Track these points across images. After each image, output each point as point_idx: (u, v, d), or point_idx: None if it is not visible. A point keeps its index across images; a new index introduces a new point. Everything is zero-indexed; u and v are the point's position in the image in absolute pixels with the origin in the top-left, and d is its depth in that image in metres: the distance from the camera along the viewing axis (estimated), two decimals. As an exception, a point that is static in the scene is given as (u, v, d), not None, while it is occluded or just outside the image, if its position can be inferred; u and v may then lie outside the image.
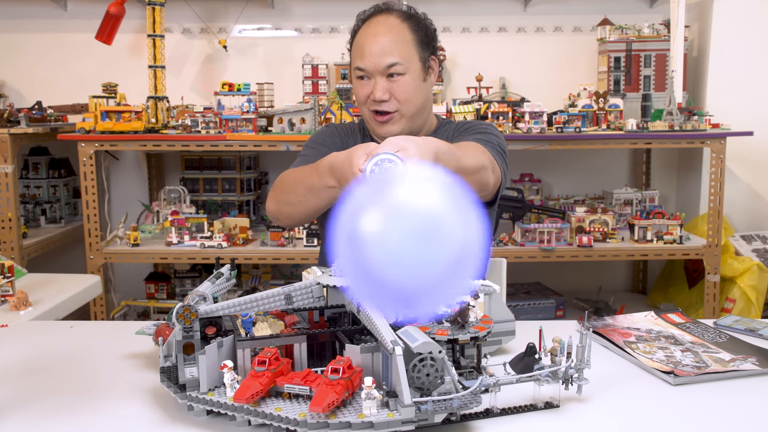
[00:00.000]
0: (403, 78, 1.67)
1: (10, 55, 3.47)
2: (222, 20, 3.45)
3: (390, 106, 1.67)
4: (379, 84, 1.66)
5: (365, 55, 1.67)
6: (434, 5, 3.41)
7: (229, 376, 0.99)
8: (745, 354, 1.30)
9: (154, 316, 3.20)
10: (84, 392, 1.16)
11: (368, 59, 1.66)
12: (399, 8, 1.71)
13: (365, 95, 1.69)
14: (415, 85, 1.69)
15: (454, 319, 1.08)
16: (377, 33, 1.67)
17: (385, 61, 1.65)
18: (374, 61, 1.65)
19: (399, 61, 1.66)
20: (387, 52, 1.65)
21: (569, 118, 2.92)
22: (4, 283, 1.79)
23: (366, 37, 1.68)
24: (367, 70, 1.67)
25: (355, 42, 1.72)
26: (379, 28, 1.68)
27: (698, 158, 3.34)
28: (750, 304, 2.96)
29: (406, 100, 1.68)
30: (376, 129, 1.72)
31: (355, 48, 1.71)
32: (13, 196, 2.85)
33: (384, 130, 1.69)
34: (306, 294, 1.17)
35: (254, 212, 3.39)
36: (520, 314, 3.16)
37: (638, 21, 3.23)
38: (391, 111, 1.68)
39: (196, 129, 2.91)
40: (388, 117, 1.69)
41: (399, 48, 1.66)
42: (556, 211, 3.02)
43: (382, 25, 1.69)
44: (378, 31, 1.68)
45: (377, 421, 0.91)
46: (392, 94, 1.67)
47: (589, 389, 1.09)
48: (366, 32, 1.69)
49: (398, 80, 1.67)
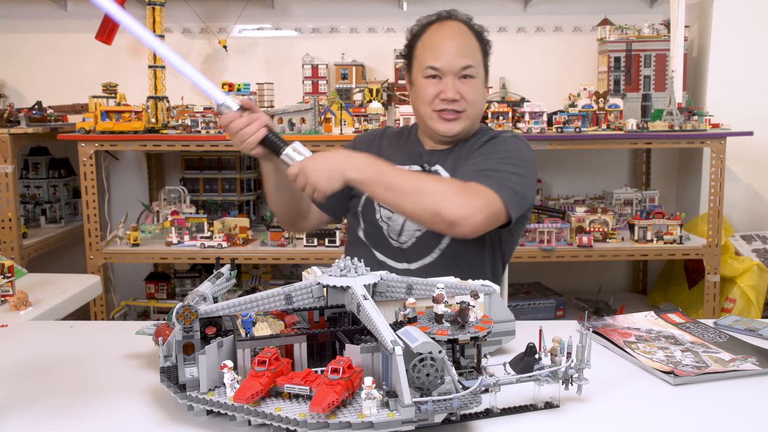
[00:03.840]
0: (473, 81, 1.71)
1: (10, 55, 3.47)
2: (222, 20, 3.45)
3: (459, 105, 1.70)
4: (451, 84, 1.69)
5: (440, 54, 1.69)
6: (434, 5, 3.39)
7: (229, 376, 0.99)
8: (745, 354, 1.29)
9: (154, 316, 3.20)
10: (84, 392, 1.16)
11: (444, 59, 1.69)
12: (464, 17, 1.77)
13: (433, 94, 1.70)
14: (481, 89, 1.75)
15: (454, 319, 1.08)
16: (452, 35, 1.72)
17: (461, 63, 1.69)
18: (450, 61, 1.68)
19: (472, 64, 1.70)
20: (463, 54, 1.70)
21: (569, 118, 2.92)
22: (4, 283, 1.79)
23: (441, 38, 1.72)
24: (441, 69, 1.69)
25: (424, 43, 1.74)
26: (452, 31, 1.73)
27: (698, 158, 3.34)
28: (750, 304, 2.96)
29: (473, 102, 1.72)
30: (440, 126, 1.73)
31: (426, 48, 1.73)
32: (13, 196, 2.85)
33: (448, 127, 1.72)
34: (306, 294, 1.17)
35: (254, 212, 3.39)
36: (520, 314, 3.16)
37: (638, 21, 3.23)
38: (458, 110, 1.71)
39: (196, 129, 2.91)
40: (456, 116, 1.71)
41: (472, 52, 1.72)
42: (556, 211, 3.02)
43: (454, 29, 1.73)
44: (452, 34, 1.72)
45: (377, 421, 0.91)
46: (462, 95, 1.69)
47: (589, 389, 1.09)
48: (440, 33, 1.73)
49: (469, 82, 1.70)
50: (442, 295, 1.11)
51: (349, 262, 1.17)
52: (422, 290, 1.21)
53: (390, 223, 1.76)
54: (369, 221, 1.79)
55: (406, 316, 1.10)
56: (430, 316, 1.13)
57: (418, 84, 1.74)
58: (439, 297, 1.10)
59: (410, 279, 1.21)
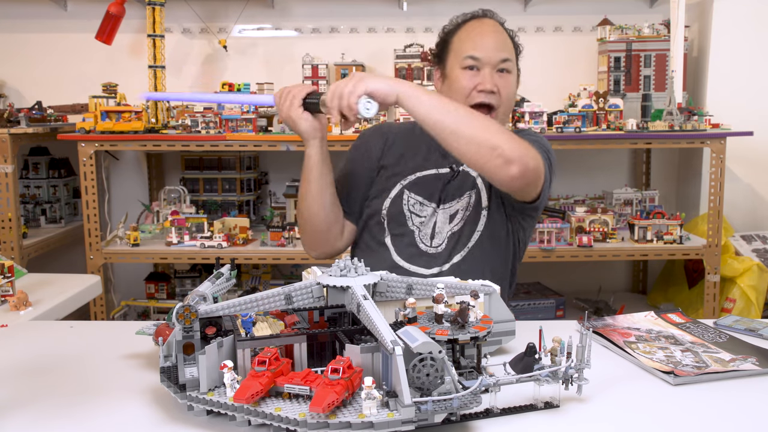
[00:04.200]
0: (509, 75, 1.72)
1: (10, 55, 3.47)
2: (222, 20, 3.45)
3: (495, 99, 1.69)
4: (489, 75, 1.69)
5: (480, 45, 1.70)
6: (434, 5, 3.41)
7: (229, 376, 0.99)
8: (745, 354, 1.29)
9: (154, 316, 3.20)
10: (84, 392, 1.16)
11: (484, 50, 1.69)
12: (499, 18, 1.79)
13: (471, 86, 1.69)
14: (515, 85, 1.76)
15: (454, 319, 1.08)
16: (491, 30, 1.74)
17: (500, 55, 1.70)
18: (490, 53, 1.69)
19: (510, 58, 1.72)
20: (501, 47, 1.71)
21: (569, 118, 2.92)
22: (4, 283, 1.79)
23: (481, 31, 1.73)
24: (482, 59, 1.69)
25: (461, 36, 1.74)
26: (490, 27, 1.75)
27: (698, 158, 3.34)
28: (750, 304, 2.96)
29: (507, 96, 1.72)
30: None
31: (465, 40, 1.73)
32: (13, 196, 2.85)
33: None
34: (306, 294, 1.17)
35: (254, 212, 3.39)
36: (520, 314, 3.16)
37: (638, 21, 3.23)
38: (494, 104, 1.70)
39: (196, 129, 2.91)
40: (489, 112, 1.70)
41: (509, 48, 1.74)
42: (556, 211, 3.02)
43: (492, 25, 1.76)
44: (491, 29, 1.74)
45: (377, 421, 0.91)
46: (499, 88, 1.69)
47: (589, 389, 1.09)
48: (480, 28, 1.74)
49: (505, 77, 1.71)
50: (442, 295, 1.11)
51: (349, 262, 1.17)
52: (422, 290, 1.21)
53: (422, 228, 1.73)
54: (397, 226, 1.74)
55: (406, 316, 1.10)
56: (430, 316, 1.13)
57: (454, 76, 1.72)
58: (439, 297, 1.10)
59: (410, 279, 1.21)
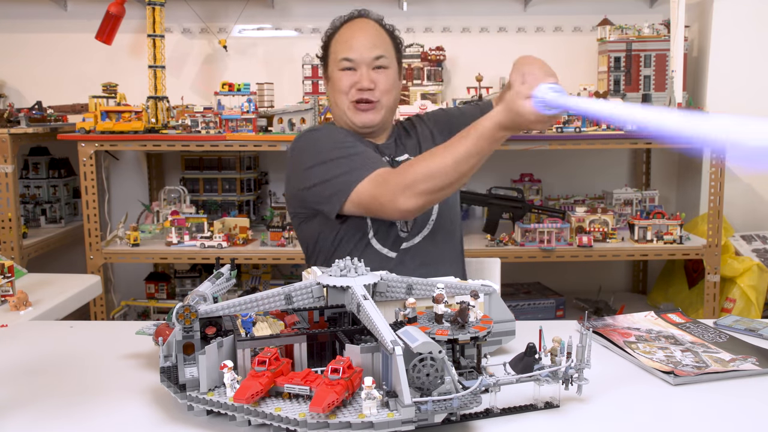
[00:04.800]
0: (386, 71, 1.80)
1: (10, 55, 3.47)
2: (222, 20, 3.45)
3: (373, 95, 1.78)
4: (365, 74, 1.77)
5: (354, 47, 1.79)
6: (434, 5, 3.41)
7: (229, 376, 0.99)
8: (745, 354, 1.30)
9: (154, 316, 3.19)
10: (84, 392, 1.16)
11: (357, 51, 1.78)
12: (375, 16, 1.87)
13: (349, 85, 1.78)
14: (394, 79, 1.83)
15: (454, 319, 1.08)
16: (363, 29, 1.82)
17: (373, 53, 1.78)
18: (363, 52, 1.78)
19: (385, 55, 1.80)
20: (375, 45, 1.80)
21: (569, 118, 2.92)
22: (4, 283, 1.79)
23: (353, 32, 1.82)
24: (355, 60, 1.78)
25: (338, 39, 1.84)
26: (363, 25, 1.84)
27: (698, 158, 3.34)
28: (750, 304, 2.96)
29: (387, 91, 1.80)
30: (355, 118, 1.80)
31: (340, 43, 1.82)
32: (13, 196, 2.85)
33: (364, 117, 1.79)
34: (306, 294, 1.17)
35: (254, 212, 3.39)
36: (520, 314, 3.16)
37: (638, 21, 3.23)
38: (372, 99, 1.78)
39: (196, 129, 2.91)
40: (371, 106, 1.78)
41: (384, 45, 1.82)
42: (556, 211, 3.02)
43: (366, 24, 1.84)
44: (364, 28, 1.83)
45: (377, 421, 0.92)
46: (376, 84, 1.77)
47: (589, 389, 1.09)
48: (352, 29, 1.83)
49: (382, 72, 1.80)
50: (442, 295, 1.11)
51: (349, 262, 1.17)
52: (422, 290, 1.21)
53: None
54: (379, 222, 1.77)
55: (406, 316, 1.10)
56: (430, 316, 1.13)
57: (335, 77, 1.82)
58: (439, 297, 1.10)
59: (410, 279, 1.21)
